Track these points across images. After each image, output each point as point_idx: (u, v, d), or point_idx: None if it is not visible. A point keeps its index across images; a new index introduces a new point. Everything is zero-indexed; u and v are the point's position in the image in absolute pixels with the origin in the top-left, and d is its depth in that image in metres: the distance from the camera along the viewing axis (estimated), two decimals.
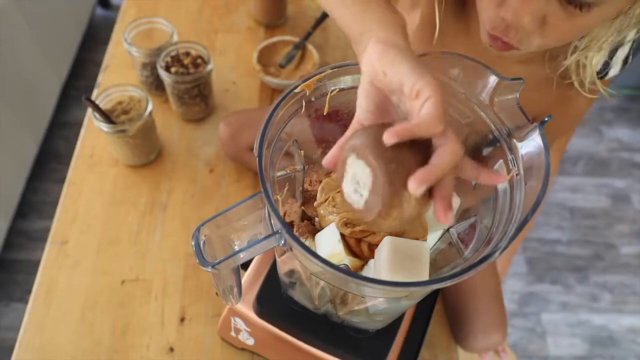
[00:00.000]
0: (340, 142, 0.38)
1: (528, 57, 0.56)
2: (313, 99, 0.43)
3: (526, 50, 0.47)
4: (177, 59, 0.84)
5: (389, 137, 0.31)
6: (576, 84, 0.54)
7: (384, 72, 0.34)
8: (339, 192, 0.44)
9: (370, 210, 0.33)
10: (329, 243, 0.42)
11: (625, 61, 0.55)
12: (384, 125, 0.33)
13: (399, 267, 0.37)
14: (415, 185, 0.30)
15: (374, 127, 0.34)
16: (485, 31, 0.48)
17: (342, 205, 0.44)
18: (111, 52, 1.00)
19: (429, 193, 0.33)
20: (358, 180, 0.34)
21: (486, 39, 0.49)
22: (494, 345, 0.70)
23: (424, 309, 0.61)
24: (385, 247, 0.38)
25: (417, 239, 0.42)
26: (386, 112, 0.37)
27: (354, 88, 0.43)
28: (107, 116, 0.75)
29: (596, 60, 0.50)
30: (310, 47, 0.98)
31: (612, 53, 0.53)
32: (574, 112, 0.62)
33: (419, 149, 0.32)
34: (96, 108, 0.73)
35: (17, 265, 1.51)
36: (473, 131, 0.43)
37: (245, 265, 0.59)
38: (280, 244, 0.37)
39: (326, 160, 0.38)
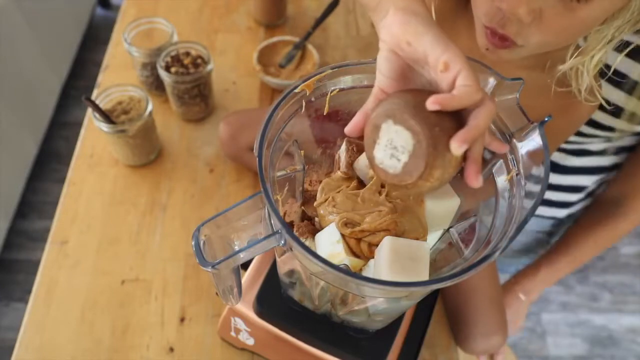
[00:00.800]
0: (364, 110, 0.39)
1: (529, 63, 0.56)
2: (313, 99, 0.43)
3: (525, 48, 0.46)
4: (177, 59, 0.84)
5: (431, 104, 0.32)
6: (575, 92, 0.53)
7: (407, 42, 0.35)
8: (339, 192, 0.44)
9: (411, 173, 0.34)
10: (329, 243, 0.42)
11: None
12: (414, 92, 0.35)
13: (399, 267, 0.37)
14: (457, 146, 0.32)
15: (405, 93, 0.36)
16: (482, 32, 0.48)
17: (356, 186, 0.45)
18: (111, 52, 1.00)
19: (464, 155, 0.34)
20: (395, 146, 0.35)
21: (483, 41, 0.48)
22: (493, 347, 0.70)
23: (424, 309, 0.61)
24: (385, 247, 0.38)
25: (417, 239, 0.42)
26: (407, 79, 0.38)
27: (354, 88, 0.43)
28: (107, 116, 0.75)
29: (593, 66, 0.50)
30: (310, 47, 0.98)
31: None
32: (576, 118, 0.62)
33: (452, 112, 0.34)
34: (96, 108, 0.73)
35: (17, 265, 1.51)
36: None
37: (245, 265, 0.59)
38: (280, 244, 0.37)
39: (350, 129, 0.39)
